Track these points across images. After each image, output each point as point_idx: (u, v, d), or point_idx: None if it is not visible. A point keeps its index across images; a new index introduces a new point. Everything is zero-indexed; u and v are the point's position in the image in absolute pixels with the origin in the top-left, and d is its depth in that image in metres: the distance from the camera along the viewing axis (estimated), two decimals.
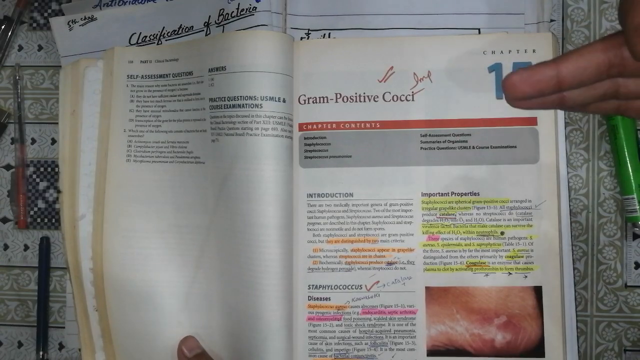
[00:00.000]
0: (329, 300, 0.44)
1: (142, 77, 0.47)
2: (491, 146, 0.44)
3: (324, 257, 0.45)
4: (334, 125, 0.45)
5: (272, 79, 0.42)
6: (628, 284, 0.46)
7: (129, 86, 0.47)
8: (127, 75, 0.47)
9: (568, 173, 0.46)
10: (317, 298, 0.44)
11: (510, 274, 0.43)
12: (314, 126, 0.45)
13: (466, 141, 0.44)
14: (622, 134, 0.44)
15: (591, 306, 0.46)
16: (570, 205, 0.45)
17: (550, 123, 0.43)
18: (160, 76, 0.47)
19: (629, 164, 0.44)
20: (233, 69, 0.42)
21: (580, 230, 0.46)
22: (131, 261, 0.46)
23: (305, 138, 0.45)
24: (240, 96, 0.42)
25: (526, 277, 0.43)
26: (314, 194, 0.45)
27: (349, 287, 0.44)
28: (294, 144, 0.44)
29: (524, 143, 0.44)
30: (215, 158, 0.44)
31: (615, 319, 0.46)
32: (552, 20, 0.46)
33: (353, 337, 0.44)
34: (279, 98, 0.43)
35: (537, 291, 0.43)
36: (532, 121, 0.44)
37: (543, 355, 0.43)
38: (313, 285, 0.45)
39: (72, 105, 0.47)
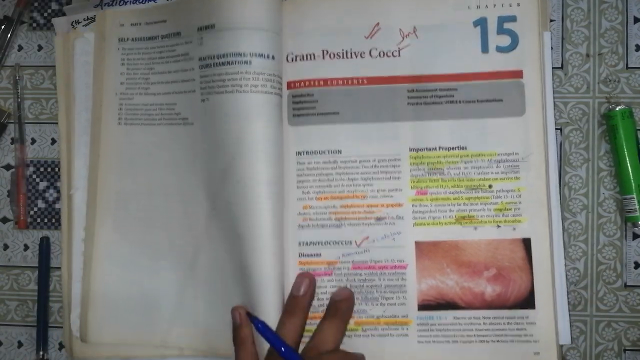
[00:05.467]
0: (320, 256, 0.45)
1: (133, 39, 0.48)
2: (477, 100, 0.44)
3: (314, 213, 0.45)
4: (322, 83, 0.45)
5: (261, 36, 0.43)
6: (628, 284, 0.46)
7: (120, 49, 0.48)
8: (119, 39, 0.48)
9: (568, 172, 0.46)
10: (308, 254, 0.45)
11: (499, 226, 0.44)
12: (302, 84, 0.45)
13: (452, 96, 0.44)
14: (622, 133, 0.44)
15: (591, 306, 0.46)
16: (559, 156, 0.45)
17: (536, 76, 0.44)
18: (150, 38, 0.47)
19: (628, 164, 0.44)
20: (222, 26, 0.43)
21: (579, 230, 0.46)
22: (122, 221, 0.47)
23: (293, 96, 0.45)
24: (230, 53, 0.42)
25: (515, 229, 0.43)
26: (303, 151, 0.45)
27: (339, 243, 0.45)
28: (283, 103, 0.45)
29: (510, 96, 0.44)
30: (205, 118, 0.44)
31: (615, 318, 0.46)
32: (552, 21, 0.46)
33: None
34: (267, 55, 0.43)
35: (526, 243, 0.43)
36: (518, 74, 0.44)
37: (533, 307, 0.43)
38: (304, 242, 0.45)
39: (65, 78, 0.48)
